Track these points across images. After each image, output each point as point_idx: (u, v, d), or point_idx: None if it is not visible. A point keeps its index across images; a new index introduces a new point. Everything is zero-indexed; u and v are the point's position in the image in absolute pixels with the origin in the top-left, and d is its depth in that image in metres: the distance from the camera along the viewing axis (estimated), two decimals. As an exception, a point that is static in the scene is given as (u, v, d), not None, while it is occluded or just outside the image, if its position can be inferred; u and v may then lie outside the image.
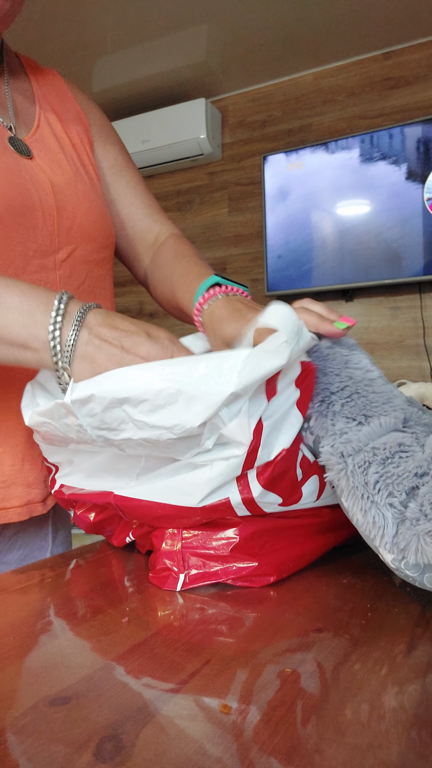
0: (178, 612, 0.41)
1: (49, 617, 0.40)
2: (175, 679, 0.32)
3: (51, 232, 0.61)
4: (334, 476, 0.43)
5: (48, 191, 0.61)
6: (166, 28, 2.12)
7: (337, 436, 0.44)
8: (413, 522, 0.38)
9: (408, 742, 0.26)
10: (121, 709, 0.29)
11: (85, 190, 0.66)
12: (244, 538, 0.46)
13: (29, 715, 0.28)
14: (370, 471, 0.41)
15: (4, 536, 0.63)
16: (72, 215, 0.63)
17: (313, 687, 0.31)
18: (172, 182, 2.77)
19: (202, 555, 0.46)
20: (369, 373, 0.49)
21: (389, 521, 0.39)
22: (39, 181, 0.60)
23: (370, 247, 2.22)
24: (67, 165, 0.66)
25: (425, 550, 0.37)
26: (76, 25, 2.08)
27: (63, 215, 0.62)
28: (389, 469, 0.41)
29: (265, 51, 2.28)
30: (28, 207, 0.58)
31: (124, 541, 0.53)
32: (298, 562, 0.48)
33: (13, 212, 0.57)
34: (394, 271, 2.17)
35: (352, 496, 0.41)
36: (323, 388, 0.48)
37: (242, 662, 0.34)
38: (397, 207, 2.17)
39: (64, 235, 0.62)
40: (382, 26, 2.13)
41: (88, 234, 0.65)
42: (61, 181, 0.63)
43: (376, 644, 0.36)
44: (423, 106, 2.23)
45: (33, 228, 0.59)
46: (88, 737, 0.26)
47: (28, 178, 0.59)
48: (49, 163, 0.64)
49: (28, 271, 0.59)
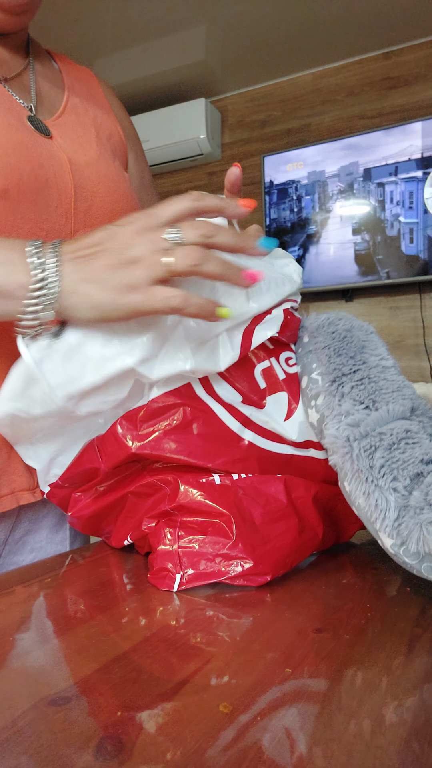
0: (177, 612, 0.41)
1: (49, 617, 0.41)
2: (175, 679, 0.32)
3: (66, 212, 0.59)
4: (338, 459, 0.43)
5: (66, 168, 0.59)
6: (166, 28, 2.12)
7: (342, 417, 0.44)
8: (417, 510, 0.38)
9: (408, 743, 0.26)
10: (121, 709, 0.29)
11: (108, 171, 0.64)
12: (240, 538, 0.46)
13: (29, 715, 0.28)
14: (376, 455, 0.41)
15: (13, 535, 0.63)
16: (91, 195, 0.61)
17: (313, 687, 0.31)
18: (171, 182, 2.77)
19: (198, 555, 0.46)
20: (384, 361, 0.49)
21: (392, 505, 0.39)
22: (56, 158, 0.58)
23: (370, 246, 2.22)
24: (91, 147, 0.64)
25: (427, 539, 0.37)
26: (76, 25, 2.08)
27: (81, 195, 0.60)
28: (395, 455, 0.41)
29: (265, 51, 2.28)
30: (41, 183, 0.56)
31: (122, 542, 0.53)
32: (292, 557, 0.48)
33: (24, 189, 0.55)
34: (394, 271, 2.17)
35: (356, 480, 0.41)
36: (335, 369, 0.48)
37: (242, 662, 0.34)
38: (397, 206, 2.17)
39: (81, 216, 0.60)
40: (381, 26, 2.13)
41: (109, 216, 0.63)
42: (81, 160, 0.61)
43: (376, 644, 0.36)
44: (422, 106, 2.23)
45: (46, 206, 0.57)
46: (88, 737, 0.26)
47: (45, 154, 0.57)
48: (71, 143, 0.62)
49: None
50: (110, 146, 0.68)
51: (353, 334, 0.51)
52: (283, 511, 0.49)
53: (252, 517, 0.48)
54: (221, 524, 0.47)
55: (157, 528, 0.49)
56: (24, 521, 0.63)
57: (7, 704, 0.29)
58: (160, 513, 0.50)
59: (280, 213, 2.40)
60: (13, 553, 0.63)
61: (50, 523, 0.66)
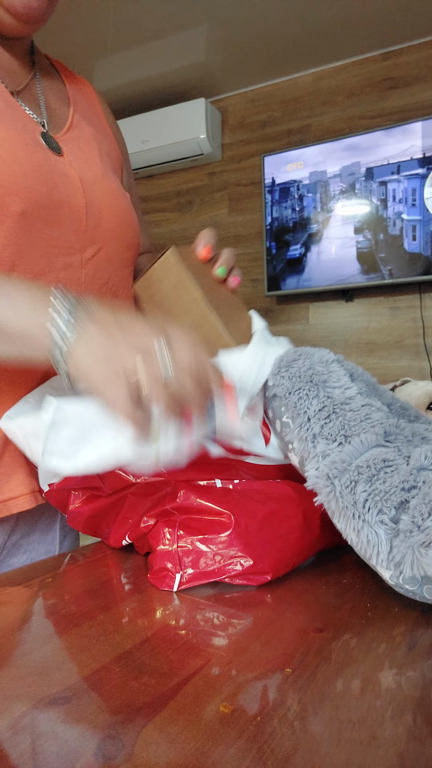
0: (178, 612, 0.41)
1: (49, 617, 0.40)
2: (175, 679, 0.32)
3: (78, 229, 0.61)
4: (323, 499, 0.43)
5: (78, 187, 0.61)
6: (166, 29, 2.12)
7: (319, 458, 0.45)
8: (406, 534, 0.38)
9: (408, 742, 0.26)
10: (121, 709, 0.29)
11: (111, 187, 0.66)
12: (240, 536, 0.46)
13: (29, 715, 0.28)
14: (358, 490, 0.41)
15: (11, 539, 0.63)
16: (99, 211, 0.63)
17: (313, 687, 0.31)
18: (171, 182, 2.77)
19: (197, 554, 0.46)
20: (348, 391, 0.49)
21: (382, 538, 0.39)
22: (68, 177, 0.60)
23: (372, 245, 2.22)
24: (96, 164, 0.66)
25: (420, 561, 0.37)
26: (76, 25, 2.08)
27: (91, 212, 0.62)
28: (377, 486, 0.41)
29: (265, 51, 2.28)
30: (55, 203, 0.58)
31: (121, 542, 0.53)
32: (295, 559, 0.48)
33: (40, 209, 0.56)
34: (394, 271, 2.17)
35: (344, 517, 0.41)
36: (302, 413, 0.48)
37: (242, 662, 0.34)
38: (399, 204, 2.17)
39: (91, 233, 0.62)
40: (381, 26, 2.13)
41: (115, 231, 0.65)
42: (90, 177, 0.63)
43: (376, 644, 0.36)
44: (422, 107, 2.23)
45: (59, 225, 0.58)
46: (88, 737, 0.26)
47: (58, 174, 0.59)
48: (79, 160, 0.63)
49: (54, 269, 0.58)
50: (110, 163, 0.70)
51: (314, 371, 0.50)
52: (287, 511, 0.49)
53: (254, 516, 0.48)
54: (221, 522, 0.47)
55: (157, 527, 0.49)
56: (21, 525, 0.64)
57: (7, 704, 0.29)
58: (159, 512, 0.50)
59: (282, 212, 2.40)
60: (10, 556, 0.63)
61: (43, 525, 0.67)
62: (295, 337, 2.41)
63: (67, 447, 0.46)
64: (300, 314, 2.42)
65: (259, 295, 2.50)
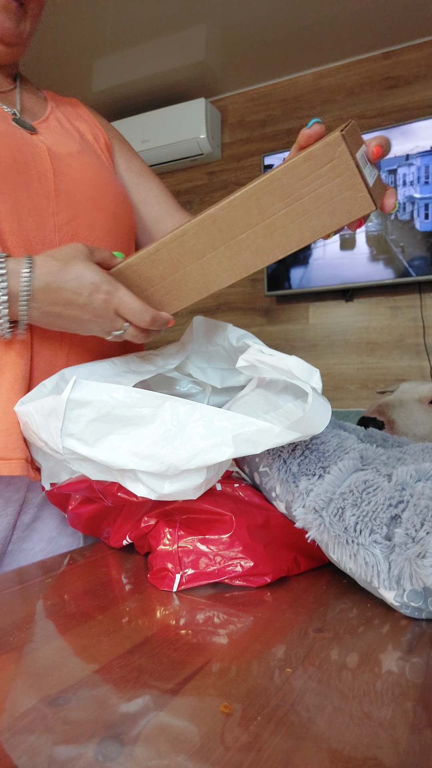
0: (178, 612, 0.41)
1: (49, 617, 0.41)
2: (175, 679, 0.32)
3: (47, 193, 0.63)
4: (315, 534, 0.43)
5: (43, 154, 0.64)
6: (166, 28, 2.12)
7: (304, 495, 0.45)
8: (402, 548, 0.38)
9: (410, 743, 0.26)
10: (121, 709, 0.29)
11: (91, 161, 0.69)
12: (241, 538, 0.46)
13: (29, 715, 0.28)
14: (347, 515, 0.41)
15: (21, 519, 0.63)
16: (72, 179, 0.66)
17: (313, 687, 0.31)
18: (171, 182, 2.77)
19: (197, 554, 0.46)
20: None
21: (380, 557, 0.39)
22: (34, 145, 0.64)
23: (370, 246, 2.22)
24: (74, 144, 0.69)
25: (418, 573, 0.36)
26: (75, 25, 2.08)
27: (61, 178, 0.64)
28: (363, 508, 0.41)
29: (265, 51, 2.28)
30: (21, 165, 0.61)
31: (121, 542, 0.53)
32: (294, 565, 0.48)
33: (4, 169, 0.59)
34: (394, 271, 2.17)
35: (338, 546, 0.41)
36: (276, 457, 0.49)
37: (242, 662, 0.34)
38: (410, 187, 2.14)
39: (64, 199, 0.64)
40: (381, 26, 2.13)
41: (93, 199, 0.67)
42: (62, 150, 0.67)
43: (376, 644, 0.36)
44: (422, 106, 2.23)
45: (26, 186, 0.61)
46: (88, 737, 0.26)
47: (24, 142, 0.62)
48: (53, 138, 0.67)
49: (25, 228, 0.61)
50: (98, 146, 0.74)
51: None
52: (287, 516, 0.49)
53: (255, 518, 0.48)
54: (222, 523, 0.47)
55: (157, 527, 0.49)
56: (31, 506, 0.64)
57: (8, 704, 0.29)
58: (160, 512, 0.50)
59: (280, 213, 2.40)
60: (23, 540, 0.63)
61: (58, 511, 0.66)
62: (295, 337, 2.41)
63: (86, 430, 0.45)
64: (300, 314, 2.42)
65: (259, 295, 2.50)
